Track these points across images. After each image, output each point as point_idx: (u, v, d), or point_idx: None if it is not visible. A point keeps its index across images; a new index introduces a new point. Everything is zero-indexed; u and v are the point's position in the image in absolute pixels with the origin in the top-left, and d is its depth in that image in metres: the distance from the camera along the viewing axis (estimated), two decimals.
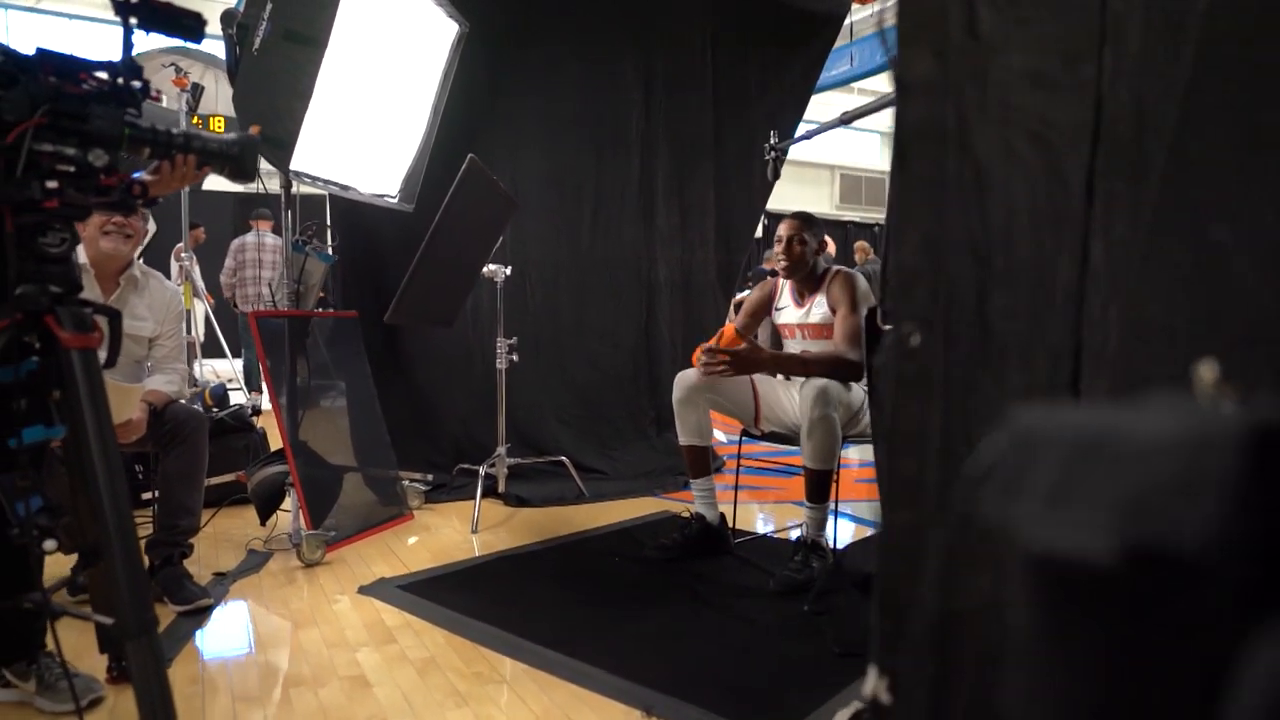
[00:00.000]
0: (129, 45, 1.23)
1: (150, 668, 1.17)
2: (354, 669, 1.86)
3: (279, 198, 2.84)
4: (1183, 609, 0.26)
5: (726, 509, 2.83)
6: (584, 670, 1.84)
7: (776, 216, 8.98)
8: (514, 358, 3.40)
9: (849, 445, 2.53)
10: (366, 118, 3.07)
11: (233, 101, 2.38)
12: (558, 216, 4.13)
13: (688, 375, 2.61)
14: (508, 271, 3.40)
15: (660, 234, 4.37)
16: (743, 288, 6.66)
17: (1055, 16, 0.76)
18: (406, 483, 3.35)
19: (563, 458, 3.64)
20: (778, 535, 3.05)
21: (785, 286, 2.75)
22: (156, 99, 1.36)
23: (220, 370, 6.52)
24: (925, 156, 0.72)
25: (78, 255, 1.21)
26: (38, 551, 1.15)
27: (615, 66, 4.14)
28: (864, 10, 8.83)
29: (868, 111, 1.73)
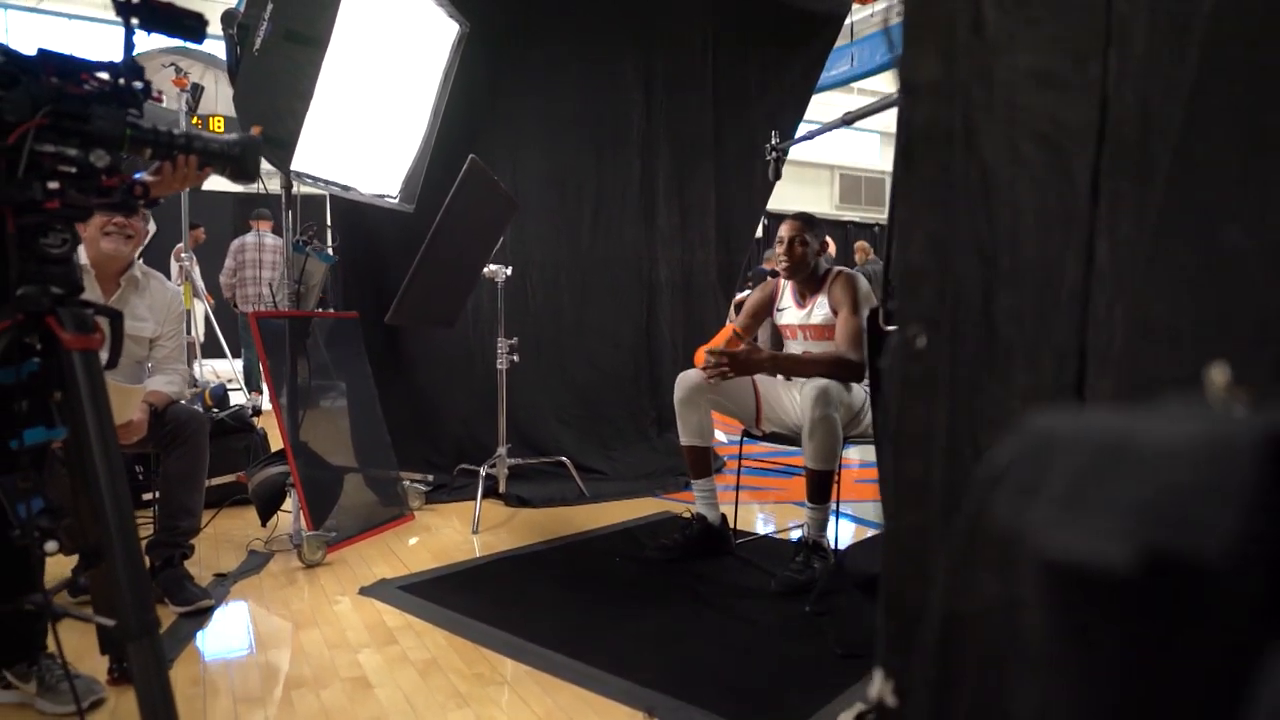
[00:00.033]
0: (130, 46, 1.22)
1: (152, 669, 1.17)
2: (355, 670, 1.86)
3: (279, 198, 2.84)
4: (1201, 616, 0.26)
5: (728, 509, 2.82)
6: (586, 671, 1.84)
7: (776, 217, 8.99)
8: (515, 358, 3.40)
9: (850, 446, 2.53)
10: (367, 118, 3.07)
11: (233, 102, 2.38)
12: (558, 217, 4.13)
13: (689, 376, 2.61)
14: (508, 272, 3.40)
15: (661, 234, 4.36)
16: (742, 288, 6.66)
17: (1061, 17, 0.75)
18: (407, 483, 3.35)
19: (563, 458, 3.63)
20: (778, 536, 3.04)
21: (787, 287, 2.75)
22: (158, 100, 1.36)
23: (220, 370, 6.52)
24: (932, 157, 0.72)
25: (78, 256, 1.21)
26: (39, 553, 1.15)
27: (615, 66, 4.14)
28: (864, 10, 8.83)
29: (870, 112, 1.73)
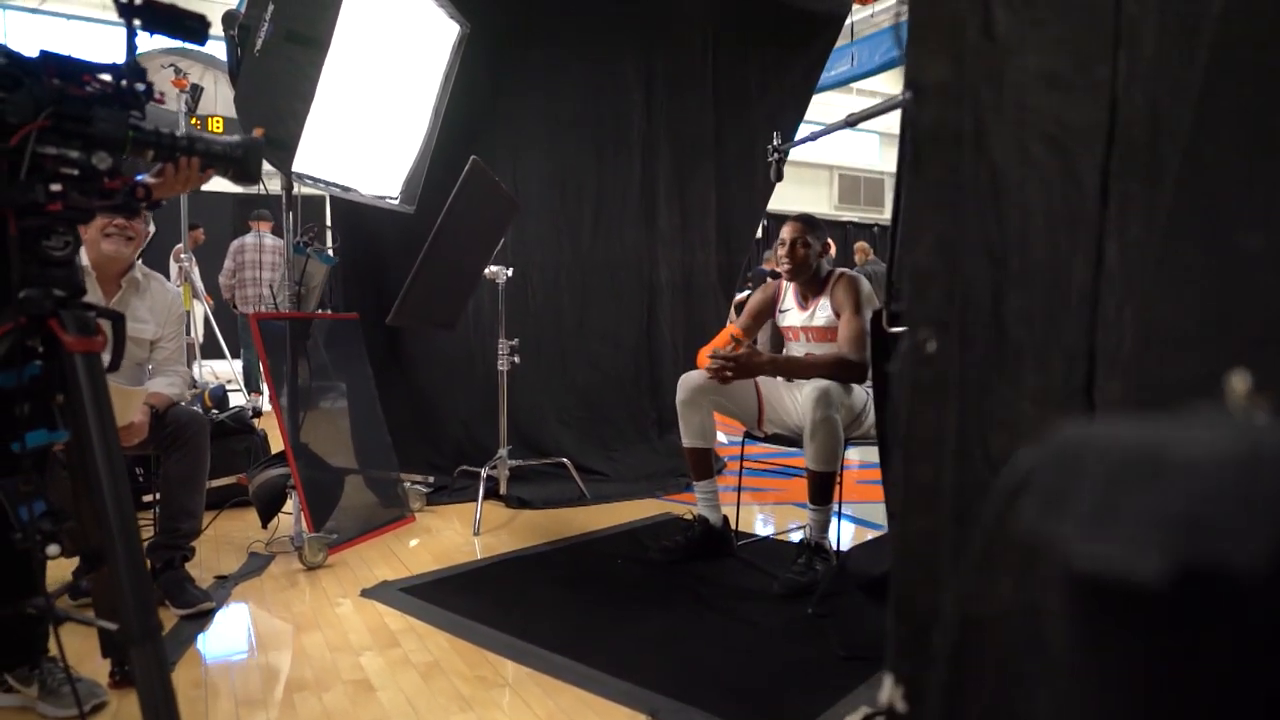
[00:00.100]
0: (132, 47, 1.22)
1: (154, 673, 1.17)
2: (357, 673, 1.85)
3: (280, 199, 2.84)
4: (1232, 629, 0.26)
5: (729, 511, 2.82)
6: (588, 674, 1.83)
7: (776, 217, 8.99)
8: (515, 359, 3.39)
9: (850, 447, 2.52)
10: (368, 119, 3.06)
11: (234, 103, 2.37)
12: (559, 217, 4.13)
13: (691, 377, 2.61)
14: (509, 273, 3.39)
15: (661, 235, 4.36)
16: (742, 288, 6.66)
17: (1071, 18, 0.75)
18: (408, 485, 3.34)
19: (564, 459, 3.63)
20: (778, 537, 3.04)
21: (789, 289, 2.74)
22: (160, 102, 1.36)
23: (219, 371, 6.52)
24: (940, 159, 0.71)
25: (79, 258, 1.20)
26: (41, 556, 1.14)
27: (616, 67, 4.13)
28: (864, 10, 8.83)
29: (874, 114, 1.73)
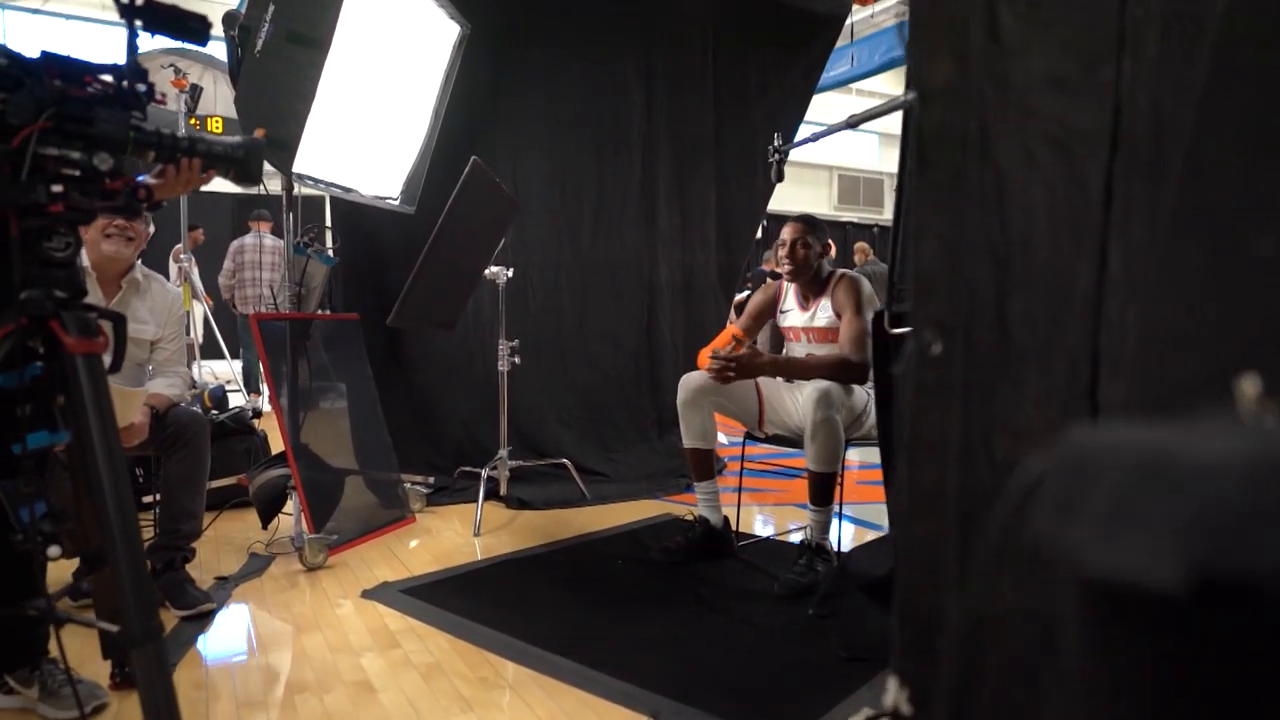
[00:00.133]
0: (134, 48, 1.21)
1: (156, 674, 1.17)
2: (358, 674, 1.85)
3: (280, 199, 2.83)
4: (1250, 636, 0.25)
5: (730, 512, 2.82)
6: (589, 675, 1.83)
7: (775, 218, 8.99)
8: (516, 360, 3.39)
9: (850, 447, 2.52)
10: (368, 120, 3.06)
11: (234, 104, 2.37)
12: (559, 218, 4.13)
13: (692, 378, 2.60)
14: (509, 274, 3.39)
15: (661, 235, 4.36)
16: (741, 289, 6.65)
17: (1075, 20, 0.75)
18: (408, 485, 3.34)
19: (564, 460, 3.63)
20: (779, 538, 3.04)
21: (790, 290, 2.74)
22: (161, 103, 1.36)
23: (219, 372, 6.51)
24: (945, 161, 0.71)
25: (80, 259, 1.20)
26: (42, 558, 1.14)
27: (616, 67, 4.13)
28: (864, 10, 8.83)
29: (875, 115, 1.73)
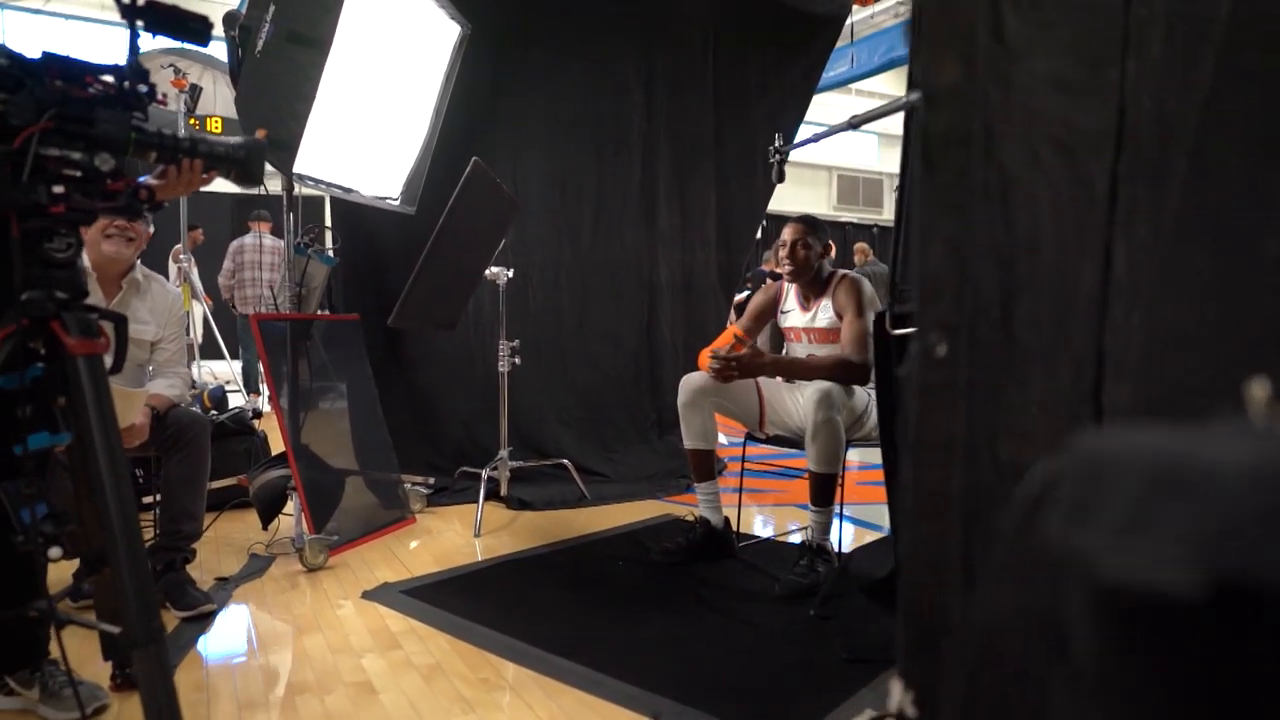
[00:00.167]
0: (135, 48, 1.21)
1: (157, 676, 1.16)
2: (359, 675, 1.85)
3: (280, 200, 2.83)
4: (1270, 643, 0.25)
5: (730, 512, 2.82)
6: (590, 676, 1.83)
7: (775, 218, 8.98)
8: (516, 360, 3.39)
9: (850, 448, 2.52)
10: (369, 120, 3.06)
11: (235, 104, 2.36)
12: (559, 218, 4.12)
13: (693, 379, 2.60)
14: (510, 274, 3.39)
15: (661, 235, 4.36)
16: (741, 289, 6.65)
17: (1079, 23, 0.75)
18: (408, 486, 3.34)
19: (565, 460, 3.62)
20: (779, 539, 3.04)
21: (790, 290, 2.74)
22: (163, 103, 1.36)
23: (218, 372, 6.51)
24: (951, 163, 0.71)
25: (81, 260, 1.20)
26: (43, 559, 1.14)
27: (616, 67, 4.13)
28: (864, 11, 8.83)
29: (877, 115, 1.72)
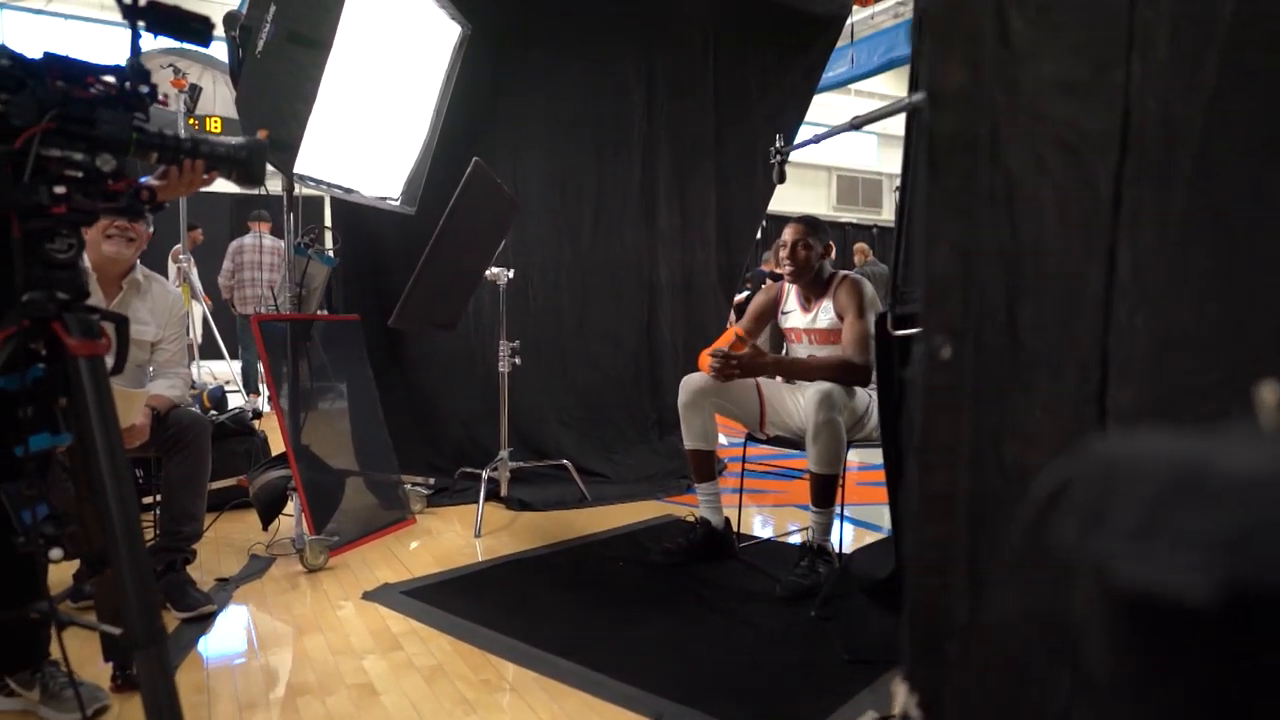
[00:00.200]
0: (137, 49, 1.21)
1: (159, 677, 1.16)
2: (361, 676, 1.85)
3: (280, 200, 2.83)
4: None
5: (731, 513, 2.82)
6: (592, 677, 1.83)
7: (774, 218, 8.97)
8: (516, 360, 3.38)
9: (851, 449, 2.52)
10: (369, 120, 3.06)
11: (235, 104, 2.36)
12: (559, 218, 4.12)
13: (693, 379, 2.60)
14: (510, 274, 3.39)
15: (662, 235, 4.36)
16: (741, 289, 6.65)
17: (1084, 24, 0.75)
18: (408, 486, 3.33)
19: (565, 461, 3.62)
20: (779, 539, 3.03)
21: (791, 291, 2.74)
22: (164, 104, 1.36)
23: (218, 372, 6.50)
24: (957, 167, 0.71)
25: (82, 260, 1.20)
26: (44, 560, 1.14)
27: (616, 67, 4.13)
28: (864, 11, 8.84)
29: (879, 116, 1.72)
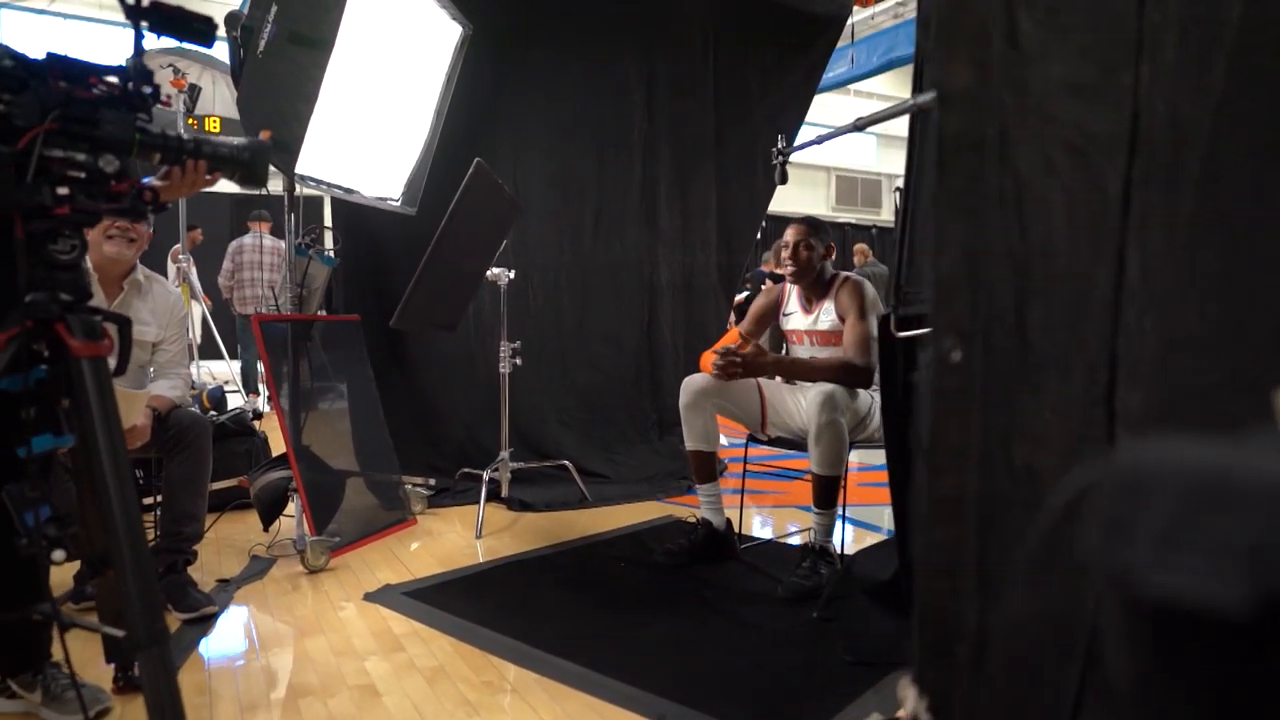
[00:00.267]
0: (140, 49, 1.21)
1: (161, 679, 1.16)
2: (363, 678, 1.84)
3: (281, 200, 2.82)
4: None
5: (732, 514, 2.81)
6: (594, 678, 1.82)
7: (773, 219, 8.96)
8: (517, 361, 3.38)
9: (852, 450, 2.51)
10: (370, 121, 3.05)
11: (237, 104, 2.36)
12: (560, 219, 4.12)
13: (694, 380, 2.60)
14: (511, 275, 3.38)
15: (662, 236, 4.35)
16: (740, 289, 6.65)
17: (1093, 27, 0.75)
18: (409, 487, 3.33)
19: (566, 462, 3.62)
20: (781, 540, 3.03)
21: (792, 292, 2.73)
22: (167, 104, 1.36)
23: (217, 372, 6.49)
24: (965, 168, 0.71)
25: (85, 261, 1.19)
26: (46, 562, 1.13)
27: (617, 68, 4.13)
28: (864, 11, 8.84)
29: (882, 118, 1.72)
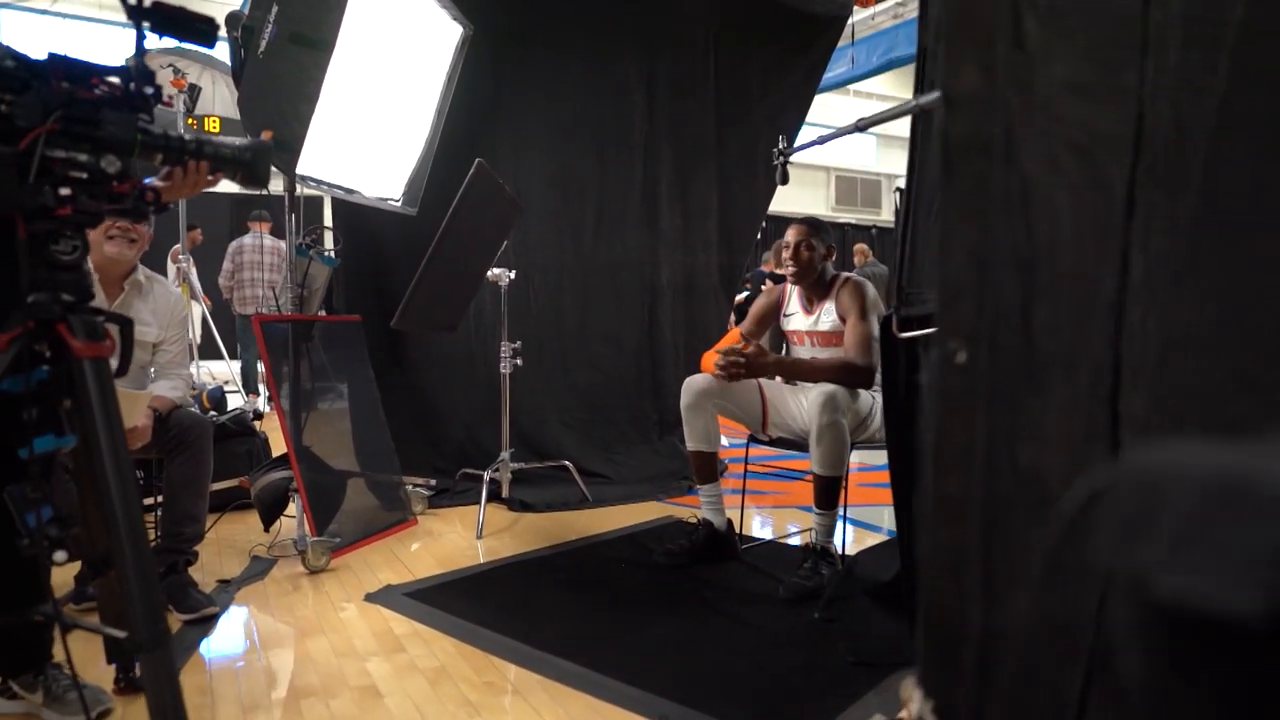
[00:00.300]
0: (142, 50, 1.21)
1: (163, 680, 1.16)
2: (364, 679, 1.84)
3: (281, 200, 2.82)
4: None
5: (733, 514, 2.81)
6: (595, 679, 1.82)
7: (773, 219, 8.96)
8: (518, 361, 3.38)
9: (853, 450, 2.51)
10: (371, 121, 3.05)
11: (237, 105, 2.36)
12: (561, 219, 4.12)
13: (695, 381, 2.60)
14: (511, 275, 3.38)
15: (663, 236, 4.35)
16: (740, 289, 6.65)
17: (1097, 27, 0.75)
18: (410, 487, 3.33)
19: (566, 462, 3.62)
20: (782, 540, 3.03)
21: (793, 292, 2.73)
22: (168, 105, 1.35)
23: (217, 372, 6.49)
24: (971, 169, 0.71)
25: (86, 262, 1.19)
26: (48, 562, 1.13)
27: (617, 68, 4.13)
28: (864, 11, 8.84)
29: (885, 119, 1.72)
